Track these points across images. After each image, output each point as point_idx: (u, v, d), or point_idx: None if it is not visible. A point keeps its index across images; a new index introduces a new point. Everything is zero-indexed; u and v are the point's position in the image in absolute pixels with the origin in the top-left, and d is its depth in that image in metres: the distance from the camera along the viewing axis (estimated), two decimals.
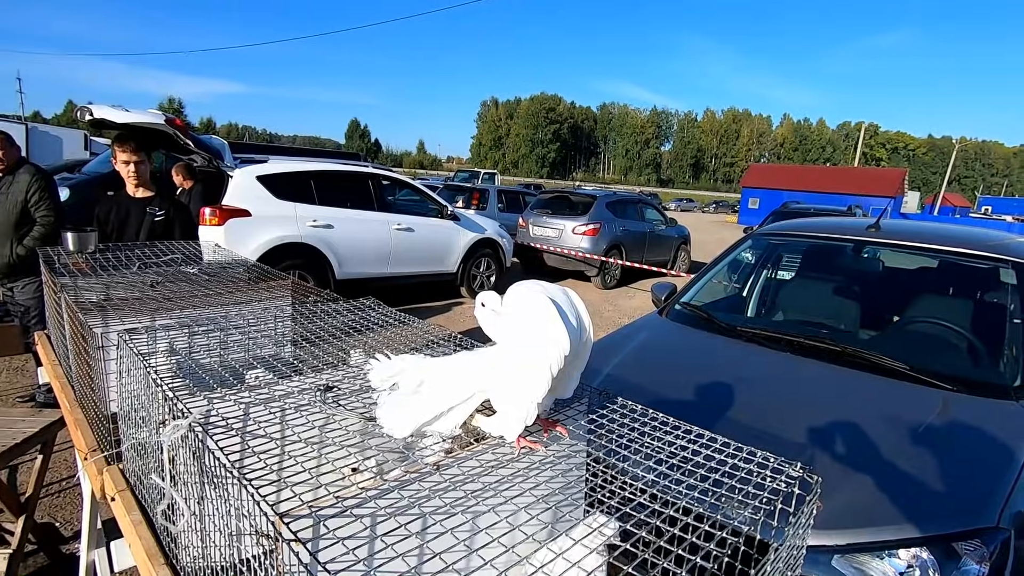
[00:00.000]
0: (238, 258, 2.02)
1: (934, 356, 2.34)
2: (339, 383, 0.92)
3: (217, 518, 0.70)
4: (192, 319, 1.21)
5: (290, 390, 0.88)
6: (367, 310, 1.37)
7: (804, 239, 3.29)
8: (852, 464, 1.68)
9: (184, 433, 0.72)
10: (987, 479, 1.63)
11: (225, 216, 5.35)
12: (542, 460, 0.77)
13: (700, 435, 0.78)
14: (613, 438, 0.79)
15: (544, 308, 0.71)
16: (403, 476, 0.66)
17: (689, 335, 2.73)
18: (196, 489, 0.75)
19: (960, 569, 1.44)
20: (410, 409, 0.76)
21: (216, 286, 1.55)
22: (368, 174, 6.83)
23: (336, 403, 0.84)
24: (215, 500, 0.71)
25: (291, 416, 0.80)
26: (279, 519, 0.53)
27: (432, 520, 0.64)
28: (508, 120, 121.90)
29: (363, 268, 6.48)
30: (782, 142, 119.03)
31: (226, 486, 0.65)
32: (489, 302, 0.78)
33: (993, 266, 2.75)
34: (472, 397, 0.76)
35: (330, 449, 0.72)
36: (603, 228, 9.28)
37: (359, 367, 1.00)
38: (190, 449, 0.74)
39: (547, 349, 0.69)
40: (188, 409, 0.75)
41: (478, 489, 0.68)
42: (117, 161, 2.92)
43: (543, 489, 0.76)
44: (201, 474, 0.72)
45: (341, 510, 0.58)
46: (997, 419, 1.90)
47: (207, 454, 0.68)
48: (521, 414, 0.72)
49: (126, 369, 1.02)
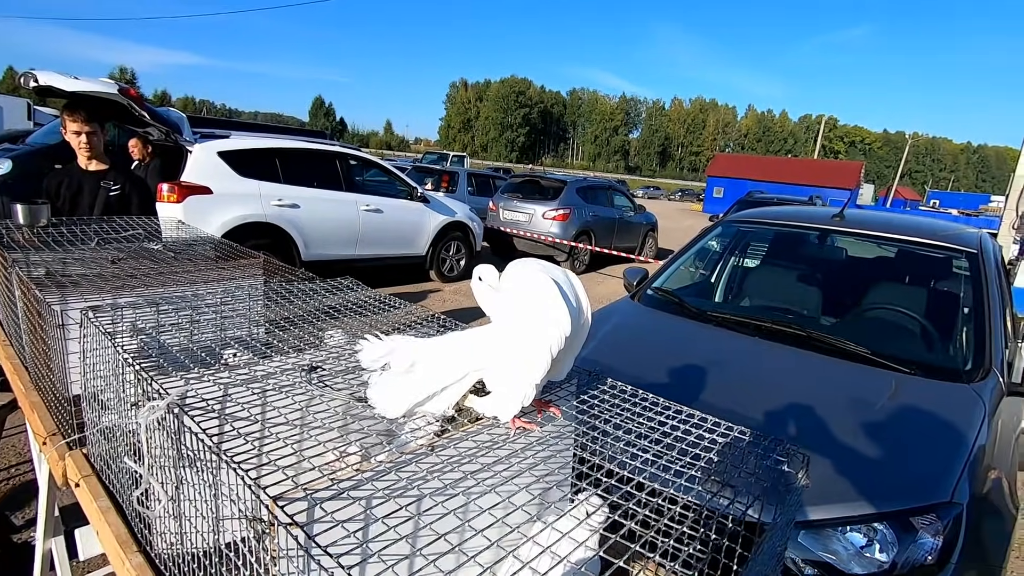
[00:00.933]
0: (204, 235, 1.94)
1: (893, 341, 2.44)
2: (323, 363, 0.89)
3: (199, 502, 0.67)
4: (160, 297, 1.15)
5: (272, 370, 0.85)
6: (345, 291, 1.33)
7: (773, 227, 3.37)
8: (816, 444, 1.74)
9: (162, 415, 0.68)
10: (941, 457, 1.72)
11: (184, 193, 5.13)
12: (536, 440, 0.77)
13: (691, 415, 0.79)
14: (604, 419, 0.79)
15: (547, 287, 0.70)
16: (397, 457, 0.64)
17: (661, 319, 2.77)
18: (174, 473, 0.72)
19: (917, 542, 1.52)
20: (402, 389, 0.74)
21: (183, 264, 1.48)
22: (336, 153, 6.65)
23: (322, 383, 0.81)
24: (196, 484, 0.67)
25: (275, 397, 0.77)
26: (273, 502, 0.51)
27: (430, 501, 0.63)
28: (478, 103, 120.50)
29: (330, 250, 6.34)
30: (746, 133, 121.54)
31: (211, 469, 0.62)
32: (487, 276, 0.77)
33: (947, 256, 2.89)
34: (466, 376, 0.75)
35: (318, 430, 0.70)
36: (573, 213, 9.32)
37: (344, 347, 0.97)
38: (167, 431, 0.70)
39: (548, 330, 0.68)
40: (165, 390, 0.71)
41: (475, 469, 0.67)
42: (67, 131, 2.74)
43: (539, 469, 0.75)
44: (180, 457, 0.68)
45: (337, 492, 0.56)
46: (950, 401, 2.00)
47: (188, 436, 0.65)
48: (519, 395, 0.71)
49: (90, 349, 0.96)
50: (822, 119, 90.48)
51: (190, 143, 5.26)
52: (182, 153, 5.27)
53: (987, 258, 2.67)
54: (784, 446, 0.69)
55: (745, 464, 0.68)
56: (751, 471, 0.66)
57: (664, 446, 0.72)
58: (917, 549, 1.52)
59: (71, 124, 2.71)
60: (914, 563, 1.52)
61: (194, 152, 5.23)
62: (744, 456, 0.69)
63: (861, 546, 1.58)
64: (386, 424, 0.76)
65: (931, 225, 3.17)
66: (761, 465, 0.67)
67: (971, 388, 2.07)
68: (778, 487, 0.64)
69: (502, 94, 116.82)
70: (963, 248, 2.75)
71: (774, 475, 0.65)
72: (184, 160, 5.23)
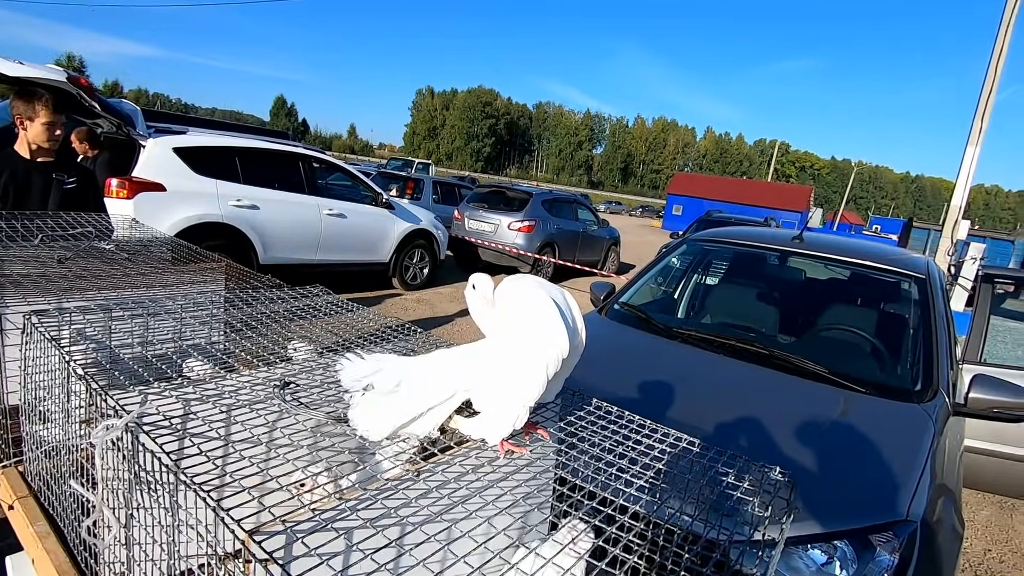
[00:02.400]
0: (160, 235, 1.83)
1: (850, 361, 2.52)
2: (296, 378, 0.84)
3: (157, 532, 0.61)
4: (112, 302, 1.07)
5: (240, 385, 0.79)
6: (314, 298, 1.27)
7: (736, 246, 3.46)
8: (779, 463, 1.77)
9: (118, 435, 0.62)
10: (896, 475, 1.77)
11: (135, 189, 4.88)
12: (523, 463, 0.74)
13: (679, 438, 0.78)
14: (591, 443, 0.77)
15: (545, 306, 0.68)
16: (382, 484, 0.60)
17: (629, 334, 2.79)
18: (128, 498, 0.66)
19: (875, 560, 1.55)
20: (386, 410, 0.70)
21: (138, 266, 1.39)
22: (299, 155, 6.48)
23: (297, 401, 0.76)
24: (154, 511, 0.61)
25: (243, 415, 0.71)
26: (249, 537, 0.46)
27: (415, 530, 0.59)
28: (444, 111, 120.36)
29: (289, 253, 6.15)
30: (705, 153, 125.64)
31: (172, 497, 0.57)
32: (481, 285, 0.73)
33: (897, 280, 3.02)
34: (453, 396, 0.71)
35: (289, 449, 0.65)
36: (538, 226, 9.37)
37: (318, 361, 0.92)
38: (123, 452, 0.64)
39: (546, 350, 0.66)
40: (122, 406, 0.65)
41: (460, 494, 0.63)
42: (33, 123, 2.51)
43: (522, 492, 0.72)
44: (137, 482, 0.62)
45: (317, 524, 0.51)
46: (903, 420, 2.07)
47: (148, 459, 0.59)
48: (511, 417, 0.68)
49: (33, 357, 0.87)
50: (775, 144, 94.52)
51: (143, 137, 5.02)
52: (134, 147, 5.02)
53: (934, 283, 2.81)
54: (774, 471, 0.68)
55: (739, 491, 0.67)
56: (746, 497, 0.66)
57: (656, 472, 0.70)
58: (875, 567, 1.56)
59: (43, 114, 2.48)
60: None
61: (148, 147, 4.99)
62: (739, 483, 0.68)
63: (822, 563, 1.60)
64: (362, 444, 0.71)
65: (883, 250, 3.32)
66: (756, 491, 0.66)
67: (921, 408, 2.15)
68: (770, 513, 0.63)
69: (469, 104, 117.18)
70: (912, 273, 2.89)
71: (766, 501, 0.65)
72: (136, 155, 4.98)
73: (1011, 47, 7.79)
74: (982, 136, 8.13)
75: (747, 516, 0.65)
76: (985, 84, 7.89)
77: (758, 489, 0.66)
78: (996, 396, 2.24)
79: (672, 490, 0.67)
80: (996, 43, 7.74)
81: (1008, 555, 3.19)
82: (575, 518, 0.73)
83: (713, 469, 0.70)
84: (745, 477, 0.68)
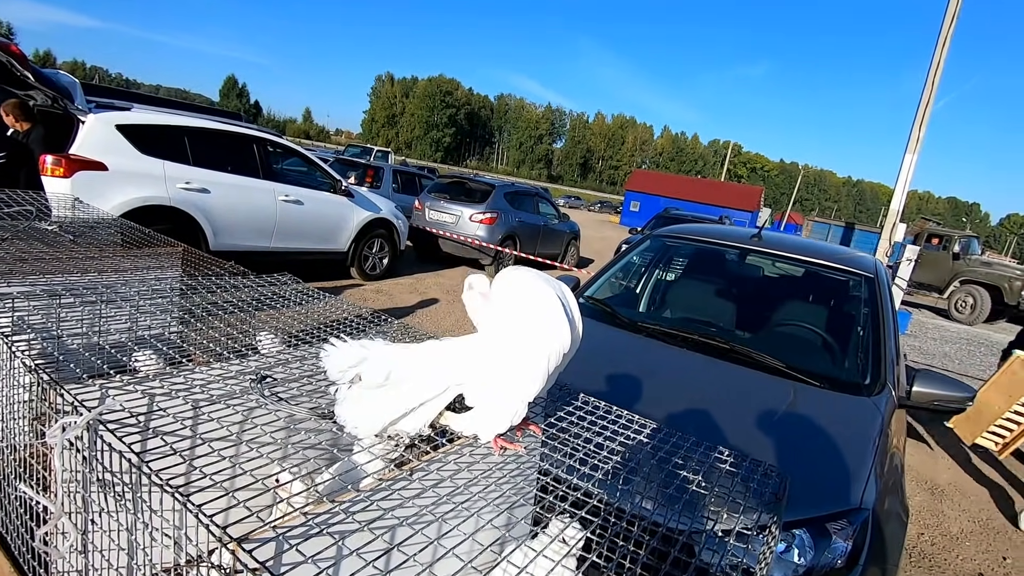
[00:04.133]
0: (108, 216, 1.70)
1: (805, 356, 2.62)
2: (272, 371, 0.79)
3: (122, 538, 0.55)
4: (61, 287, 0.98)
5: (211, 379, 0.74)
6: (282, 287, 1.21)
7: (697, 243, 3.53)
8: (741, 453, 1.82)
9: (80, 433, 0.56)
10: (850, 465, 1.85)
11: (73, 167, 4.55)
12: (511, 459, 0.72)
13: (669, 433, 0.78)
14: (583, 439, 0.75)
15: (547, 298, 0.65)
16: (376, 484, 0.57)
17: (593, 328, 2.81)
18: (88, 502, 0.60)
19: (831, 547, 1.62)
20: (376, 405, 0.66)
21: (86, 248, 1.28)
22: (253, 137, 6.22)
23: (276, 396, 0.71)
24: (119, 516, 0.56)
25: (217, 411, 0.66)
26: (238, 545, 0.42)
27: (406, 529, 0.56)
28: (403, 99, 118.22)
29: (242, 240, 5.91)
30: (661, 151, 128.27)
31: (143, 500, 0.52)
32: (478, 285, 0.71)
33: (848, 278, 3.16)
34: (446, 391, 0.68)
35: (276, 452, 0.61)
36: (500, 218, 9.33)
37: (294, 353, 0.87)
38: (83, 453, 0.58)
39: (548, 343, 0.63)
40: (80, 402, 0.59)
41: (451, 492, 0.61)
42: None
43: (510, 488, 0.70)
44: (100, 484, 0.57)
45: (308, 528, 0.48)
46: (854, 412, 2.17)
47: (112, 459, 0.53)
48: (508, 412, 0.66)
49: None
50: (729, 145, 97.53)
51: (83, 112, 4.69)
52: (72, 123, 4.68)
53: (881, 281, 2.95)
54: (764, 467, 0.69)
55: (734, 488, 0.67)
56: (740, 494, 0.66)
57: (650, 469, 0.70)
58: (831, 553, 1.62)
59: None
60: (827, 566, 1.62)
61: (88, 123, 4.66)
62: (732, 481, 0.68)
63: (781, 551, 1.66)
64: (349, 442, 0.67)
65: (834, 250, 3.46)
66: (748, 488, 0.66)
67: (871, 401, 2.26)
68: (763, 508, 0.64)
69: (429, 92, 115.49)
70: (862, 272, 3.02)
71: (758, 497, 0.65)
72: (74, 131, 4.65)
73: (946, 64, 8.27)
74: (919, 145, 8.61)
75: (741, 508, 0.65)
76: (923, 97, 8.35)
77: (750, 483, 0.67)
78: (937, 390, 2.37)
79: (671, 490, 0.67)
80: (933, 61, 8.20)
81: (939, 538, 3.41)
82: (564, 513, 0.71)
83: (707, 464, 0.70)
84: (738, 472, 0.69)
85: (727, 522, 0.65)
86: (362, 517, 0.51)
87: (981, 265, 13.79)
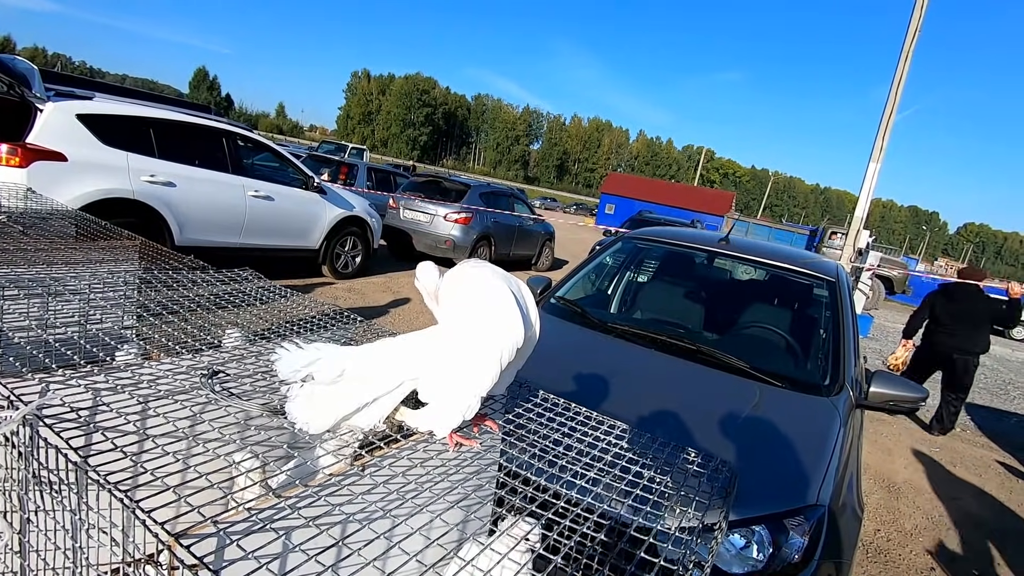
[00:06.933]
0: (62, 207, 1.64)
1: (768, 357, 2.68)
2: (226, 366, 0.77)
3: (60, 537, 0.54)
4: (6, 279, 0.94)
5: (160, 373, 0.72)
6: (244, 283, 1.19)
7: (668, 246, 3.59)
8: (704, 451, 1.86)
9: (16, 428, 0.54)
10: (808, 463, 1.90)
11: (30, 157, 4.38)
12: (468, 455, 0.72)
13: (625, 430, 0.79)
14: (540, 435, 0.76)
15: (500, 292, 0.65)
16: (325, 480, 0.56)
17: (563, 328, 2.83)
18: (23, 500, 0.58)
19: (788, 542, 1.66)
20: (327, 401, 0.65)
21: (36, 240, 1.24)
22: (223, 131, 6.07)
23: (228, 392, 0.69)
24: (57, 515, 0.54)
25: (164, 406, 0.64)
26: (176, 540, 0.41)
27: (356, 525, 0.55)
28: (380, 96, 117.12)
29: (209, 236, 5.76)
30: (637, 155, 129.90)
31: (82, 498, 0.50)
32: (425, 275, 0.70)
33: (811, 282, 3.25)
34: (400, 386, 0.67)
35: (223, 448, 0.59)
36: (475, 217, 9.32)
37: (250, 349, 0.85)
38: (18, 449, 0.56)
39: (501, 339, 0.64)
40: (17, 396, 0.57)
41: (403, 488, 0.61)
42: None
43: (468, 485, 0.70)
44: (36, 481, 0.55)
45: (252, 524, 0.47)
46: (813, 412, 2.23)
47: (50, 455, 0.52)
48: (461, 407, 0.66)
49: None
50: (702, 150, 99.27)
51: (41, 100, 4.52)
52: (29, 111, 4.51)
53: (842, 285, 3.04)
54: (716, 461, 0.70)
55: (686, 481, 0.68)
56: (692, 489, 0.67)
57: (606, 463, 0.70)
58: (788, 548, 1.66)
59: None
60: (784, 561, 1.66)
61: (47, 111, 4.49)
62: (686, 475, 0.69)
63: (741, 547, 1.69)
64: (299, 438, 0.67)
65: (799, 254, 3.56)
66: (699, 483, 0.68)
67: (830, 401, 2.32)
68: (713, 502, 0.65)
69: (406, 90, 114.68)
70: (824, 276, 3.11)
71: (708, 489, 0.67)
72: (31, 119, 4.48)
73: (908, 77, 8.57)
74: (882, 154, 8.89)
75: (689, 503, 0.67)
76: (886, 108, 8.63)
77: (701, 479, 0.68)
78: (892, 391, 2.45)
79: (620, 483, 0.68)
80: (896, 73, 8.49)
81: (894, 534, 3.53)
82: (520, 510, 0.72)
83: (661, 459, 0.72)
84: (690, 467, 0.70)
85: (678, 517, 0.66)
86: (308, 512, 0.51)
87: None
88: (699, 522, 0.62)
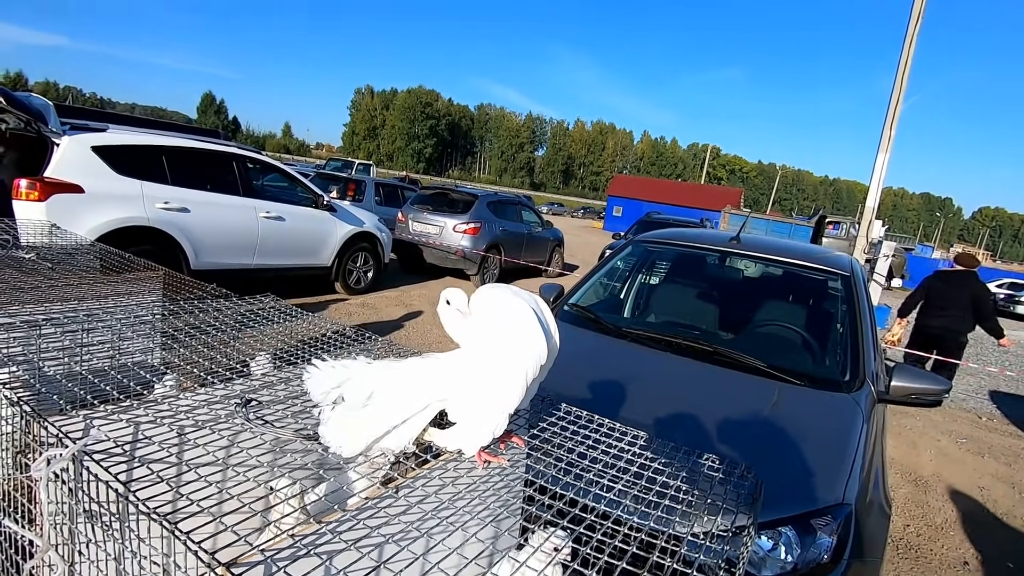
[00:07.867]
0: (85, 241, 1.69)
1: (786, 355, 2.66)
2: (257, 394, 0.80)
3: (112, 569, 0.56)
4: (41, 316, 0.97)
5: (195, 404, 0.74)
6: (266, 308, 1.22)
7: (678, 247, 3.59)
8: (725, 456, 1.85)
9: (65, 465, 0.56)
10: (832, 461, 1.89)
11: (49, 191, 4.49)
12: (495, 471, 0.73)
13: (649, 440, 0.80)
14: (566, 448, 0.77)
15: (523, 312, 0.67)
16: (362, 503, 0.58)
17: (578, 335, 2.83)
18: (74, 533, 0.60)
19: (816, 542, 1.65)
20: (359, 424, 0.67)
21: (64, 276, 1.28)
22: (232, 155, 6.18)
23: (262, 420, 0.72)
24: (107, 546, 0.57)
25: (203, 436, 0.67)
26: (226, 570, 0.43)
27: (393, 547, 0.57)
28: (384, 111, 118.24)
29: (223, 258, 5.85)
30: (642, 156, 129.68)
31: (131, 529, 0.53)
32: (455, 300, 0.72)
33: (825, 278, 3.23)
34: (428, 407, 0.69)
35: (262, 476, 0.61)
36: (484, 227, 9.36)
37: (279, 375, 0.88)
38: (68, 485, 0.58)
39: (526, 356, 0.65)
40: (65, 433, 0.59)
41: (437, 508, 0.62)
42: None
43: (496, 501, 0.71)
44: (86, 516, 0.57)
45: (297, 550, 0.49)
46: (835, 409, 2.21)
47: (99, 489, 0.54)
48: (490, 425, 0.67)
49: None
50: (708, 148, 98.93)
51: (57, 135, 4.63)
52: (46, 146, 4.62)
53: (858, 280, 3.02)
54: (741, 468, 0.71)
55: (712, 490, 0.69)
56: (719, 497, 0.68)
57: (632, 475, 0.71)
58: (816, 549, 1.65)
59: None
60: (813, 562, 1.65)
61: (63, 145, 4.61)
62: (712, 483, 0.70)
63: (768, 549, 1.68)
64: (334, 462, 0.68)
65: (812, 250, 3.54)
66: (725, 491, 0.69)
67: (851, 397, 2.30)
68: (740, 509, 0.66)
69: (409, 104, 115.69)
70: (839, 271, 3.09)
71: (735, 499, 0.67)
72: (48, 154, 4.60)
73: (913, 62, 8.50)
74: (891, 143, 8.81)
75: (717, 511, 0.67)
76: (892, 96, 8.56)
77: (727, 487, 0.69)
78: (914, 384, 2.43)
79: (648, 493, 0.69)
80: (901, 60, 8.43)
81: (924, 529, 3.47)
82: (549, 523, 0.73)
83: (687, 468, 0.73)
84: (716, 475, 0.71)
85: (706, 524, 0.67)
86: (349, 536, 0.52)
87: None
88: (728, 530, 0.63)
